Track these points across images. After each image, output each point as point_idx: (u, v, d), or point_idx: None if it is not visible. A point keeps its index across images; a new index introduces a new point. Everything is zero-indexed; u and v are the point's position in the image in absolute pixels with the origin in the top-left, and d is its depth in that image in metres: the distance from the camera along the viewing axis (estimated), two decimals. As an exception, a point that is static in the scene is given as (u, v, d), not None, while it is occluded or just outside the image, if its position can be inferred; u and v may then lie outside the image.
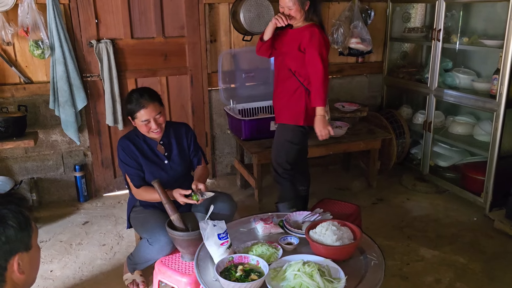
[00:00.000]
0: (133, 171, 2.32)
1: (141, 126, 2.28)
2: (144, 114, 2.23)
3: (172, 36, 3.58)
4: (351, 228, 2.00)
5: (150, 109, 2.24)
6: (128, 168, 2.32)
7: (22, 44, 3.19)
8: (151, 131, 2.29)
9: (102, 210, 3.47)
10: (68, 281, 2.60)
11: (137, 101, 2.23)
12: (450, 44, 3.59)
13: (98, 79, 3.43)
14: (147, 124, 2.26)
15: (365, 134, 3.68)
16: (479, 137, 3.51)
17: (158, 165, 2.36)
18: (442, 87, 3.64)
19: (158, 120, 2.28)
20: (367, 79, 4.35)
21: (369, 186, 3.82)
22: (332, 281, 1.68)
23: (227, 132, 3.94)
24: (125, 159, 2.32)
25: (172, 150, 2.42)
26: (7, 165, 3.39)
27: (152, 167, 2.34)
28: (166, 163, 2.39)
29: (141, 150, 2.35)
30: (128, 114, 2.30)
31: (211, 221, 1.92)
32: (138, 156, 2.33)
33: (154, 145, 2.38)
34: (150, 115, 2.24)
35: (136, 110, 2.23)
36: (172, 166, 2.40)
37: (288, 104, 2.78)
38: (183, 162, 2.44)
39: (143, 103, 2.23)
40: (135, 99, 2.24)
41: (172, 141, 2.42)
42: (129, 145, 2.33)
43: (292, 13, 2.64)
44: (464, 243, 2.95)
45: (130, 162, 2.31)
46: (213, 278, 1.78)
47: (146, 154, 2.35)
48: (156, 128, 2.27)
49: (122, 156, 2.32)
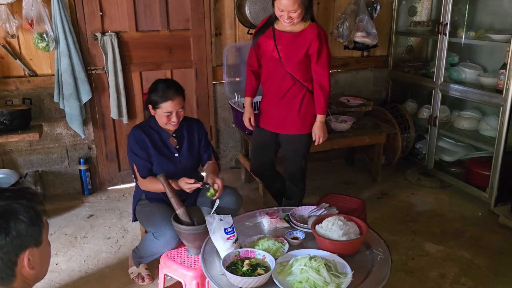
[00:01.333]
0: (141, 161, 2.32)
1: (161, 117, 2.29)
2: (168, 106, 2.25)
3: (177, 29, 3.57)
4: (357, 223, 1.99)
5: (176, 102, 2.26)
6: (136, 158, 2.32)
7: (27, 36, 3.18)
8: (169, 123, 2.30)
9: (106, 204, 3.48)
10: (74, 274, 2.61)
11: (164, 92, 2.24)
12: (456, 38, 3.56)
13: (102, 72, 3.42)
14: (169, 116, 2.27)
15: (370, 128, 3.66)
16: (484, 132, 3.49)
17: (167, 157, 2.37)
18: (448, 81, 3.62)
19: (179, 114, 2.30)
20: (372, 73, 4.33)
21: (374, 180, 3.81)
22: (339, 275, 1.68)
23: (231, 126, 3.93)
24: (135, 148, 2.32)
25: (183, 143, 2.42)
26: (12, 158, 3.40)
27: (161, 159, 2.34)
28: (176, 156, 2.39)
29: (153, 141, 2.35)
30: (151, 103, 2.30)
31: (218, 215, 1.92)
32: (149, 147, 2.33)
33: (167, 137, 2.39)
34: (174, 107, 2.26)
35: (162, 101, 2.24)
36: (181, 159, 2.40)
37: (299, 113, 2.65)
38: (192, 156, 2.44)
39: (170, 95, 2.24)
40: (162, 89, 2.25)
41: (184, 135, 2.43)
42: (141, 135, 2.33)
43: (295, 16, 2.41)
44: (468, 238, 2.95)
45: (139, 153, 2.31)
46: (220, 273, 1.78)
47: (157, 146, 2.35)
48: (176, 121, 2.29)
49: (133, 145, 2.32)
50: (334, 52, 4.08)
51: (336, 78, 4.17)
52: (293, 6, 2.35)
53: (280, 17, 2.45)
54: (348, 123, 3.54)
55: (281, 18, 2.45)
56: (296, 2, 2.35)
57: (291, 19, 2.42)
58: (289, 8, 2.36)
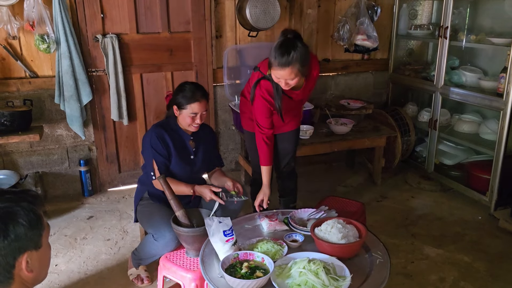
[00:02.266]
0: (161, 159, 2.34)
1: (185, 118, 2.32)
2: (195, 108, 2.28)
3: (178, 31, 3.57)
4: (357, 226, 1.99)
5: (203, 104, 2.31)
6: (157, 155, 2.33)
7: (28, 38, 3.19)
8: (193, 124, 2.33)
9: (106, 205, 3.48)
10: (73, 275, 2.61)
11: (193, 94, 2.28)
12: (457, 41, 3.56)
13: (103, 74, 3.43)
14: (194, 117, 2.30)
15: (370, 131, 3.67)
16: (485, 136, 3.50)
17: (185, 159, 2.41)
18: (448, 85, 3.62)
19: (203, 116, 2.34)
20: (373, 76, 4.33)
21: (374, 183, 3.81)
22: (338, 279, 1.68)
23: (231, 128, 3.93)
24: (157, 146, 2.33)
25: (199, 147, 2.46)
26: (12, 159, 3.40)
27: (180, 159, 2.38)
28: (192, 158, 2.43)
29: (174, 140, 2.38)
30: (176, 103, 2.32)
31: (217, 218, 1.92)
32: (170, 146, 2.36)
33: (187, 139, 2.42)
34: (200, 109, 2.30)
35: (190, 102, 2.28)
36: (196, 162, 2.45)
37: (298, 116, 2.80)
38: (205, 160, 2.50)
39: (198, 97, 2.29)
40: (191, 91, 2.29)
41: (201, 138, 2.47)
42: (163, 134, 2.35)
43: (293, 83, 2.26)
44: (468, 242, 2.94)
45: (161, 150, 2.33)
46: (218, 275, 1.78)
47: (177, 146, 2.39)
48: (199, 123, 2.33)
49: (154, 142, 2.33)
50: (334, 55, 4.10)
51: (336, 81, 4.18)
52: (290, 75, 2.21)
53: (278, 82, 2.30)
54: (348, 126, 3.54)
55: (279, 83, 2.30)
56: (293, 72, 2.19)
57: (289, 85, 2.28)
58: (285, 77, 2.23)
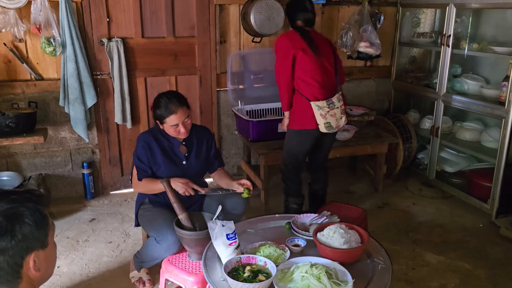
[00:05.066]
0: (143, 166, 2.35)
1: (169, 130, 2.31)
2: (173, 119, 2.26)
3: (182, 36, 3.60)
4: (359, 232, 2.00)
5: (180, 114, 2.27)
6: (139, 163, 2.35)
7: (34, 41, 3.22)
8: (178, 135, 2.33)
9: (108, 208, 3.49)
10: (75, 277, 2.62)
11: (166, 107, 2.26)
12: (459, 50, 3.59)
13: (108, 77, 3.45)
14: (176, 128, 2.29)
15: (372, 138, 3.68)
16: (486, 144, 3.51)
17: (176, 164, 2.39)
18: (450, 92, 3.64)
19: (186, 124, 2.31)
20: (375, 83, 4.35)
21: (375, 190, 3.82)
22: (340, 283, 1.69)
23: (234, 133, 3.95)
24: (141, 154, 2.34)
25: (192, 151, 2.45)
26: (16, 161, 3.42)
27: (170, 165, 2.37)
28: (184, 164, 2.41)
29: (163, 148, 2.38)
30: (156, 118, 2.33)
31: (220, 221, 1.93)
32: (158, 154, 2.35)
33: (177, 145, 2.41)
34: (179, 119, 2.27)
35: (166, 115, 2.26)
36: (189, 167, 2.43)
37: None
38: (200, 164, 2.47)
39: (172, 109, 2.25)
40: (164, 104, 2.26)
41: (194, 143, 2.46)
42: (151, 142, 2.36)
43: None
44: (469, 249, 2.95)
45: (144, 159, 2.34)
46: (221, 278, 1.79)
47: (166, 153, 2.38)
48: (184, 131, 2.31)
49: (140, 150, 2.35)
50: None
51: (339, 87, 4.19)
52: None
53: None
54: (350, 132, 3.56)
55: None
56: None
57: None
58: None
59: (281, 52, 2.77)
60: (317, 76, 2.74)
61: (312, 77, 2.74)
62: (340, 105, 2.82)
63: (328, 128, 2.78)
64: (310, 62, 2.72)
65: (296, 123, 2.86)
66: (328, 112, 2.75)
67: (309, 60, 2.72)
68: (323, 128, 2.78)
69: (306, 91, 2.76)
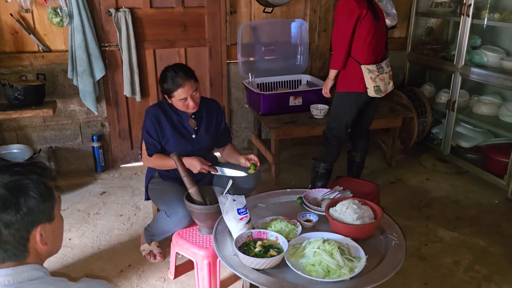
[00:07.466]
0: (152, 141, 2.31)
1: (177, 104, 2.26)
2: (181, 93, 2.21)
3: (192, 6, 3.50)
4: (372, 207, 1.96)
5: (187, 87, 2.21)
6: (148, 137, 2.31)
7: (41, 11, 3.15)
8: (187, 109, 2.27)
9: (119, 181, 3.49)
10: (86, 249, 2.64)
11: (173, 80, 2.19)
12: (479, 20, 3.44)
13: (116, 49, 3.39)
14: (184, 102, 2.24)
15: (386, 112, 3.59)
16: (504, 118, 3.41)
17: (185, 138, 2.35)
18: (468, 65, 3.51)
19: (194, 97, 2.25)
20: (390, 55, 4.20)
21: (388, 165, 3.76)
22: (352, 259, 1.66)
23: (244, 106, 3.88)
24: (150, 128, 2.30)
25: (201, 125, 2.40)
26: (26, 134, 3.41)
27: (179, 139, 2.33)
28: (193, 137, 2.37)
29: (172, 121, 2.33)
30: (164, 93, 2.27)
31: (231, 196, 1.90)
32: (167, 127, 2.31)
33: (186, 118, 2.36)
34: (187, 93, 2.21)
35: (173, 89, 2.20)
36: (199, 140, 2.38)
37: None
38: (209, 138, 2.42)
39: (179, 82, 2.19)
40: (171, 78, 2.20)
41: (203, 116, 2.41)
42: (160, 115, 2.31)
43: None
44: (484, 226, 2.89)
45: (152, 133, 2.30)
46: (232, 253, 1.77)
47: (175, 126, 2.34)
48: (193, 105, 2.25)
49: (148, 124, 2.30)
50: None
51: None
52: None
53: None
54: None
55: None
56: None
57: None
58: None
59: (346, 11, 2.75)
60: (372, 40, 2.79)
61: (367, 40, 2.77)
62: (389, 71, 2.90)
63: (377, 91, 2.83)
64: (370, 25, 2.76)
65: (344, 85, 2.89)
66: (378, 76, 2.81)
67: (369, 23, 2.76)
68: (372, 91, 2.82)
69: (358, 54, 2.80)
